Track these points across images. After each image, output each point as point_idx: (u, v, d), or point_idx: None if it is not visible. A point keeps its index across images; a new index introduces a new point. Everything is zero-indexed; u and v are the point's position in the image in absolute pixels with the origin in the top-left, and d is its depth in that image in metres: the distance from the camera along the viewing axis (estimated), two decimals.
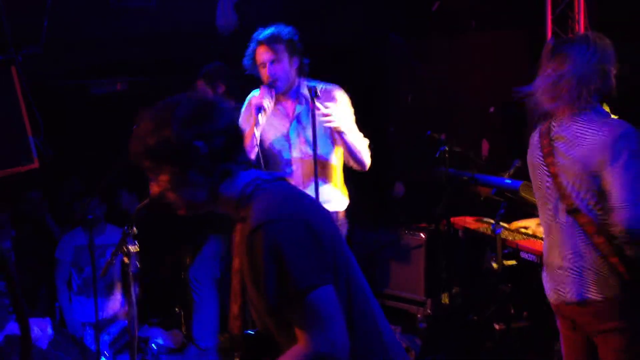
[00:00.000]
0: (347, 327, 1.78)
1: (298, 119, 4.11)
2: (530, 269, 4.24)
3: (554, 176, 2.71)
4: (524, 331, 5.19)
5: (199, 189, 1.79)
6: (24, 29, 4.11)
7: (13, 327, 4.45)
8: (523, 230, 4.82)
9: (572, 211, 2.65)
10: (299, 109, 4.11)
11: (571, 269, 2.71)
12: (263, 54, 3.97)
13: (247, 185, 1.82)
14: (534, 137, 2.92)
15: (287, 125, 4.12)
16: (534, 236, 4.57)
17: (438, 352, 4.84)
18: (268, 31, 3.99)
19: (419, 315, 5.57)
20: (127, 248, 3.13)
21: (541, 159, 2.79)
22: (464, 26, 6.12)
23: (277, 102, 4.02)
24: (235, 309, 1.97)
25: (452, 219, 5.32)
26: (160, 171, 1.78)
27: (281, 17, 4.35)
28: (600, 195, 2.58)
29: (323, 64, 6.33)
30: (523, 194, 4.18)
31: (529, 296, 4.67)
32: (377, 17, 6.27)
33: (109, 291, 5.49)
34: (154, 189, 1.81)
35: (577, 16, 5.46)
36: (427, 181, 5.70)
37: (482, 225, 5.11)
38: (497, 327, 5.23)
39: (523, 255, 4.39)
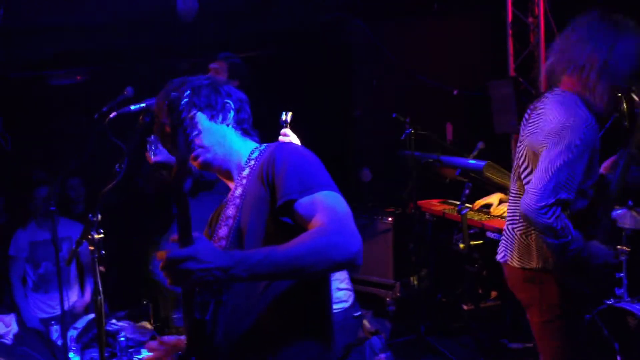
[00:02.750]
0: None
1: None
2: (497, 248, 4.26)
3: (519, 143, 2.71)
4: (492, 311, 5.24)
5: (219, 137, 2.01)
6: None
7: None
8: (486, 210, 4.86)
9: (517, 180, 2.69)
10: None
11: (506, 232, 2.80)
12: None
13: (256, 148, 2.03)
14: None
15: None
16: (499, 216, 4.61)
17: (408, 335, 4.87)
18: None
19: (388, 299, 5.61)
20: (92, 236, 3.05)
21: (523, 122, 2.73)
22: (427, 9, 6.10)
23: None
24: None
25: (418, 202, 5.35)
26: (193, 118, 2.00)
27: (241, 2, 4.27)
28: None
29: (286, 50, 6.30)
30: (487, 174, 4.21)
31: (497, 276, 4.71)
32: (340, 0, 6.22)
33: (67, 285, 5.38)
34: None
35: None
36: (393, 166, 5.72)
37: (448, 207, 5.15)
38: (465, 307, 5.29)
39: (489, 234, 4.42)
